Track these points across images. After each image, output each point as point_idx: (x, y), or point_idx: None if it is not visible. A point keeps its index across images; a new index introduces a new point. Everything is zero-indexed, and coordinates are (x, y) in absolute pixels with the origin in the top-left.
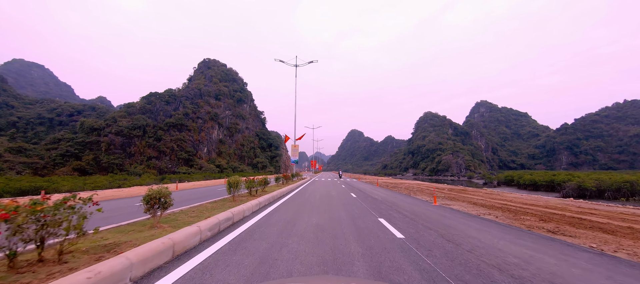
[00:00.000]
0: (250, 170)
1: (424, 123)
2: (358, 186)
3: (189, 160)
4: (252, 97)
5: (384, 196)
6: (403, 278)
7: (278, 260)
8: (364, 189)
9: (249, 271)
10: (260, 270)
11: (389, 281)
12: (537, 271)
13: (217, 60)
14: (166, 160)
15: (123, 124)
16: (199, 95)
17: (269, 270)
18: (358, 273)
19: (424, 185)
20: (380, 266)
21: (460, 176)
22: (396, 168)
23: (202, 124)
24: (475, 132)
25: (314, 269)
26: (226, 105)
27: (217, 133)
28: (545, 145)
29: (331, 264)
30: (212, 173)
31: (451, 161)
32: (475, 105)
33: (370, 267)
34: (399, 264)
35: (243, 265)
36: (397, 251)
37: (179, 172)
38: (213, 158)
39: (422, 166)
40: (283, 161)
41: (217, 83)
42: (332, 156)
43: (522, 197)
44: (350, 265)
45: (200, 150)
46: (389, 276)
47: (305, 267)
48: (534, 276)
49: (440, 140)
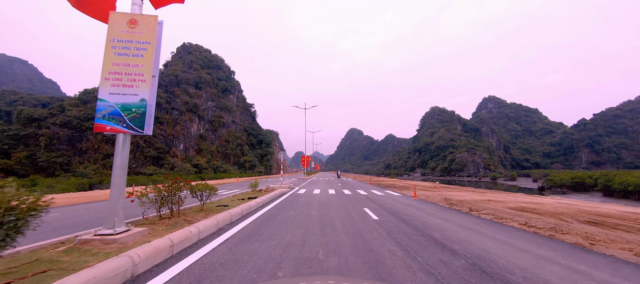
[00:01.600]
0: (235, 170)
1: (430, 119)
2: (373, 197)
3: (159, 158)
4: (239, 88)
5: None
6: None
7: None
8: (387, 204)
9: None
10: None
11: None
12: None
13: (201, 46)
14: (129, 159)
15: (73, 114)
16: (175, 83)
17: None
18: None
19: (474, 193)
20: None
21: (480, 177)
22: (401, 168)
23: (178, 116)
24: (486, 129)
25: None
26: (208, 96)
27: (197, 127)
28: (562, 142)
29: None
30: (185, 174)
31: (467, 159)
32: (482, 100)
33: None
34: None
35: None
36: None
37: (144, 173)
38: (190, 157)
39: (431, 166)
40: (275, 160)
41: (199, 70)
42: (331, 156)
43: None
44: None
45: (174, 147)
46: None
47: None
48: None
49: (452, 137)
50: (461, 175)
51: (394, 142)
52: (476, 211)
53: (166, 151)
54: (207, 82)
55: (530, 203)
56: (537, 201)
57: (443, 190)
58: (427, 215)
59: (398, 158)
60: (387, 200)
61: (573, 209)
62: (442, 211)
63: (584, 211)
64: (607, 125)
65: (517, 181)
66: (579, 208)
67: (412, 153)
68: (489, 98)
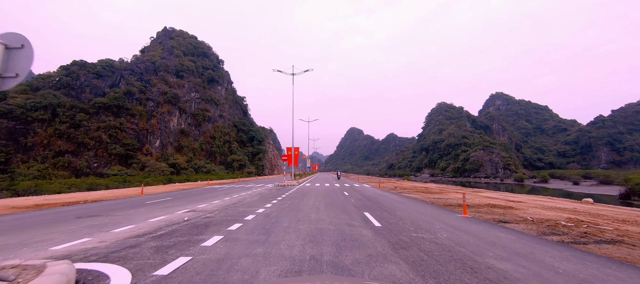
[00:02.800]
0: (222, 171)
1: (437, 115)
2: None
3: (128, 156)
4: (229, 78)
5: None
6: None
7: None
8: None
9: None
10: None
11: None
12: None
13: (185, 31)
14: (89, 156)
15: (17, 102)
16: (152, 70)
17: None
18: None
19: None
20: None
21: (501, 178)
22: (405, 168)
23: (154, 108)
24: (496, 126)
25: None
26: (192, 86)
27: (177, 121)
28: (578, 140)
29: None
30: (157, 176)
31: (483, 158)
32: (489, 97)
33: None
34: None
35: None
36: None
37: (108, 175)
38: (168, 155)
39: (441, 165)
40: (268, 160)
41: (181, 56)
42: (330, 156)
43: None
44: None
45: (148, 144)
46: None
47: None
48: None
49: (465, 134)
50: (477, 176)
51: (396, 141)
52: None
53: (137, 148)
54: (190, 70)
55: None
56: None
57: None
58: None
59: (402, 157)
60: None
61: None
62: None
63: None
64: (627, 121)
65: (550, 182)
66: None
67: (417, 152)
68: (496, 95)
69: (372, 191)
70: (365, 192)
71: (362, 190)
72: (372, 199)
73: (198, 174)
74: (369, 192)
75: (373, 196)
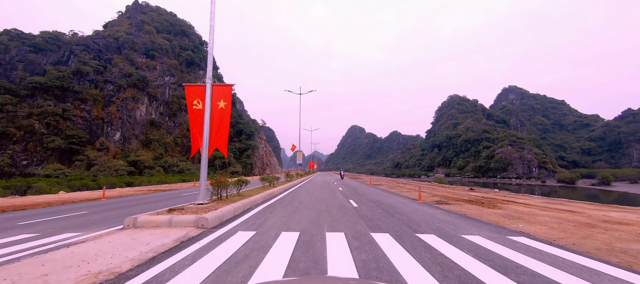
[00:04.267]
0: (198, 171)
1: (449, 108)
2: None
3: (73, 151)
4: (214, 63)
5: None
6: None
7: None
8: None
9: None
10: None
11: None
12: None
13: (162, 8)
14: (15, 151)
15: None
16: (115, 48)
17: None
18: None
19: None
20: None
21: (543, 180)
22: (414, 167)
23: (114, 93)
24: (514, 120)
25: None
26: (166, 68)
27: (146, 110)
28: (605, 136)
29: None
30: (108, 177)
31: (511, 155)
32: (502, 91)
33: None
34: None
35: None
36: None
37: (36, 175)
38: (130, 150)
39: (458, 164)
40: (258, 157)
41: (153, 33)
42: (331, 155)
43: None
44: None
45: (103, 136)
46: None
47: None
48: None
49: (486, 128)
50: (506, 176)
51: (400, 139)
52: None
53: (87, 141)
54: (164, 50)
55: None
56: None
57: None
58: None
59: (409, 156)
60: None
61: None
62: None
63: None
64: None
65: (613, 185)
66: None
67: (427, 149)
68: (509, 89)
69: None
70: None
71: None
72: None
73: (168, 174)
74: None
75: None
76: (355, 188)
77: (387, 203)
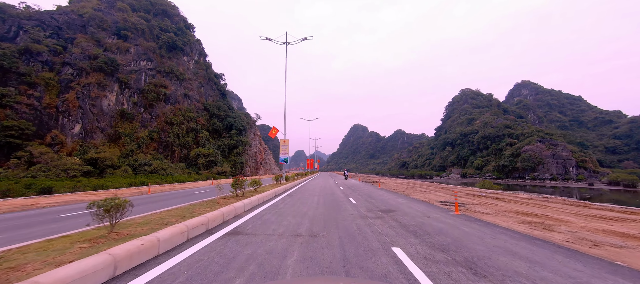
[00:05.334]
0: (180, 170)
1: (461, 103)
2: None
3: (12, 147)
4: (201, 48)
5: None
6: None
7: None
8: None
9: None
10: None
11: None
12: None
13: None
14: None
15: None
16: (80, 26)
17: None
18: None
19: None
20: None
21: (590, 183)
22: (423, 167)
23: (74, 77)
24: (532, 116)
25: None
26: (141, 51)
27: (115, 98)
28: (631, 134)
29: None
30: (51, 179)
31: (542, 153)
32: (515, 86)
33: None
34: None
35: None
36: None
37: None
38: (92, 146)
39: (475, 163)
40: (251, 156)
41: (127, 11)
42: (333, 154)
43: None
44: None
45: (57, 128)
46: None
47: None
48: None
49: (508, 123)
50: (537, 177)
51: (404, 137)
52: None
53: (33, 134)
54: (140, 30)
55: None
56: None
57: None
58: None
59: (416, 155)
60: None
61: None
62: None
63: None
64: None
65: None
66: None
67: (438, 148)
68: (522, 84)
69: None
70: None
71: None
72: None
73: (138, 175)
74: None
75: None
76: (391, 206)
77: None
